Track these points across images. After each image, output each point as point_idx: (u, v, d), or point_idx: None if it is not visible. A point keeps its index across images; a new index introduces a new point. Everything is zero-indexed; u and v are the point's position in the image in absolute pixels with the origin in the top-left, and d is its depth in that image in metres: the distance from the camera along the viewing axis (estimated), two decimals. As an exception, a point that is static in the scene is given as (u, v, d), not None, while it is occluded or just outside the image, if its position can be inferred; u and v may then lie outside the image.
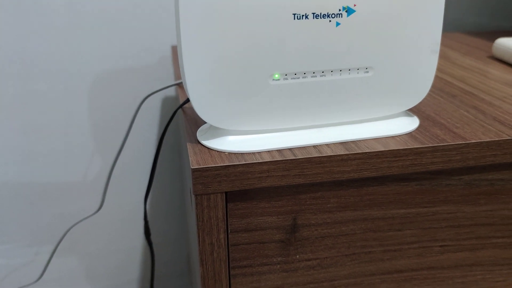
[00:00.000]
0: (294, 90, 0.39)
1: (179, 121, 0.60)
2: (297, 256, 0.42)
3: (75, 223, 0.76)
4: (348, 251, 0.44)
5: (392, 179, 0.42)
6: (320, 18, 0.37)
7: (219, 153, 0.38)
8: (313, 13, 0.37)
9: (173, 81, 0.79)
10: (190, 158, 0.38)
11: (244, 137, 0.40)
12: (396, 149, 0.39)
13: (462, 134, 0.42)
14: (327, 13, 0.37)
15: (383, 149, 0.39)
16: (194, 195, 0.37)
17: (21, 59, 0.74)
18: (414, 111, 0.46)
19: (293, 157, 0.38)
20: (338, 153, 0.38)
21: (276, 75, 0.38)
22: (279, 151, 0.39)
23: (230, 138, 0.40)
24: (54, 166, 0.81)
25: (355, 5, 0.37)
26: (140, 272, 0.92)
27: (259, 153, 0.38)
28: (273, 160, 0.37)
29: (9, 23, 0.71)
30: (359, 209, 0.42)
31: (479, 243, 0.47)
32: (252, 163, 0.37)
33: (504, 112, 0.47)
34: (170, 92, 0.80)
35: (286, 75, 0.38)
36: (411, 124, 0.43)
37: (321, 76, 0.39)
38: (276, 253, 0.42)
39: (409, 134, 0.42)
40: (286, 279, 0.43)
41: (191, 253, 0.69)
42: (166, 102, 0.81)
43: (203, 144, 0.40)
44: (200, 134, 0.41)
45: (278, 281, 0.43)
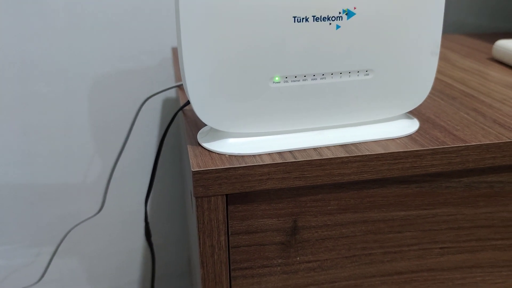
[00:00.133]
0: (294, 92, 0.39)
1: (180, 123, 0.60)
2: (298, 258, 0.43)
3: (76, 225, 0.76)
4: (349, 253, 0.44)
5: (392, 182, 0.42)
6: (320, 21, 0.37)
7: (220, 155, 0.39)
8: (313, 16, 0.37)
9: (173, 82, 0.79)
10: (190, 160, 0.38)
11: (244, 139, 0.40)
12: (396, 152, 0.39)
13: (462, 136, 0.42)
14: (327, 16, 0.37)
15: (383, 151, 0.39)
16: (194, 198, 0.38)
17: (22, 60, 0.74)
18: (414, 113, 0.46)
19: (293, 160, 0.38)
20: (339, 156, 0.38)
21: (277, 78, 0.38)
22: (280, 153, 0.39)
23: (231, 140, 0.40)
24: (55, 167, 0.81)
25: (355, 8, 0.37)
26: (141, 273, 0.92)
27: (259, 155, 0.38)
28: (274, 162, 0.37)
29: (10, 25, 0.71)
30: (360, 211, 0.42)
31: (478, 245, 0.47)
32: (252, 165, 0.37)
33: (504, 114, 0.47)
34: (171, 93, 0.80)
35: (286, 77, 0.38)
36: (411, 126, 0.43)
37: (321, 78, 0.39)
38: (276, 255, 0.42)
39: (409, 137, 0.42)
40: (287, 281, 0.43)
41: (192, 255, 0.70)
42: (166, 103, 0.81)
43: (203, 146, 0.40)
44: (200, 137, 0.41)
45: (278, 283, 0.43)
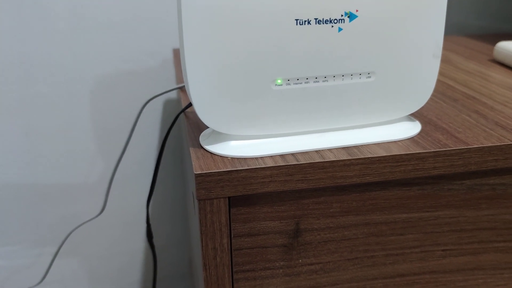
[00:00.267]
0: (296, 95, 0.39)
1: (181, 124, 0.60)
2: (300, 260, 0.43)
3: (78, 226, 0.76)
4: (351, 255, 0.44)
5: (395, 184, 0.42)
6: (323, 23, 0.37)
7: (222, 158, 0.39)
8: (316, 19, 0.37)
9: (174, 84, 0.79)
10: (193, 163, 0.38)
11: (246, 142, 0.40)
12: (399, 154, 0.39)
13: (464, 139, 0.42)
14: (330, 18, 0.37)
15: (385, 154, 0.39)
16: (197, 200, 0.38)
17: (24, 61, 0.74)
18: (416, 115, 0.46)
19: (295, 162, 0.38)
20: (341, 158, 0.38)
21: (279, 81, 0.38)
22: (282, 156, 0.39)
23: (233, 143, 0.40)
24: (57, 168, 0.81)
25: (357, 10, 0.37)
26: (142, 275, 0.92)
27: (262, 158, 0.38)
28: (276, 165, 0.37)
29: (12, 26, 0.72)
30: (362, 213, 0.42)
31: (481, 247, 0.47)
32: (255, 168, 0.37)
33: (506, 117, 0.47)
34: (172, 95, 0.80)
35: (288, 80, 0.38)
36: (413, 129, 0.43)
37: (323, 81, 0.39)
38: (278, 258, 0.42)
39: (411, 139, 0.42)
40: (289, 284, 0.43)
41: (193, 256, 0.70)
42: (167, 105, 0.81)
43: (205, 149, 0.40)
44: (202, 139, 0.41)
45: (280, 286, 0.43)
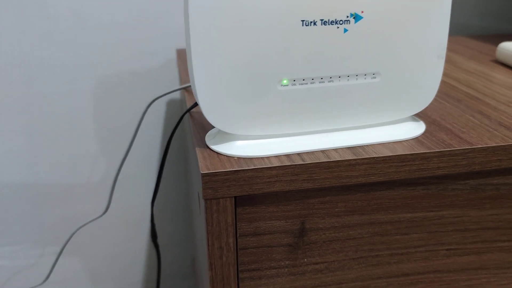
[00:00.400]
0: (302, 95, 0.39)
1: (185, 124, 0.61)
2: (305, 259, 0.43)
3: (81, 226, 0.76)
4: (356, 254, 0.44)
5: (399, 184, 0.42)
6: (328, 24, 0.37)
7: (228, 157, 0.39)
8: (321, 20, 0.37)
9: (178, 84, 0.79)
10: (199, 163, 0.38)
11: (252, 141, 0.40)
12: (403, 154, 0.40)
13: (468, 139, 0.42)
14: (335, 19, 0.37)
15: (390, 154, 0.39)
16: (203, 200, 0.38)
17: (26, 62, 0.74)
18: (420, 115, 0.47)
19: (301, 162, 0.38)
20: (346, 158, 0.39)
21: (285, 81, 0.38)
22: (288, 156, 0.39)
23: (239, 143, 0.40)
24: (60, 168, 0.81)
25: (362, 11, 0.38)
26: (145, 275, 0.92)
27: (268, 157, 0.39)
28: (282, 165, 0.38)
29: (14, 26, 0.72)
30: (367, 213, 0.42)
31: (484, 246, 0.47)
32: (261, 168, 0.37)
33: (509, 117, 0.47)
34: (175, 95, 0.81)
35: (294, 80, 0.39)
36: (417, 129, 0.44)
37: (329, 81, 0.39)
38: (284, 257, 0.42)
39: (416, 139, 0.42)
40: (294, 283, 0.44)
41: (197, 256, 0.70)
42: (170, 105, 0.82)
43: (212, 148, 0.40)
44: (208, 139, 0.42)
45: (286, 285, 0.43)
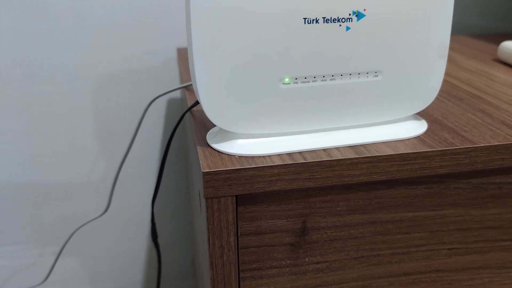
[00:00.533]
0: (304, 94, 0.39)
1: (186, 123, 0.60)
2: (306, 259, 0.43)
3: (81, 225, 0.76)
4: (357, 254, 0.44)
5: (401, 183, 0.42)
6: (331, 22, 0.37)
7: (230, 156, 0.39)
8: (324, 18, 0.37)
9: (178, 83, 0.79)
10: (200, 161, 0.38)
11: (254, 140, 0.40)
12: (405, 153, 0.39)
13: (470, 137, 0.42)
14: (338, 17, 0.37)
15: (392, 152, 0.39)
16: (204, 199, 0.38)
17: (26, 61, 0.74)
18: (422, 114, 0.46)
19: (303, 161, 0.38)
20: (348, 157, 0.38)
21: (286, 79, 0.38)
22: (289, 154, 0.39)
23: (240, 141, 0.40)
24: (60, 168, 0.81)
25: (364, 9, 0.37)
26: (145, 274, 0.92)
27: (269, 156, 0.39)
28: (283, 163, 0.37)
29: (14, 26, 0.72)
30: (368, 212, 0.42)
31: (486, 246, 0.47)
32: (262, 166, 0.37)
33: (511, 115, 0.47)
34: (175, 94, 0.80)
35: (296, 79, 0.38)
36: (419, 127, 0.43)
37: (330, 80, 0.39)
38: (285, 256, 0.42)
39: (418, 138, 0.42)
40: (295, 282, 0.43)
41: (197, 255, 0.70)
42: (170, 104, 0.82)
43: (213, 147, 0.40)
44: (209, 138, 0.41)
45: (287, 284, 0.43)
